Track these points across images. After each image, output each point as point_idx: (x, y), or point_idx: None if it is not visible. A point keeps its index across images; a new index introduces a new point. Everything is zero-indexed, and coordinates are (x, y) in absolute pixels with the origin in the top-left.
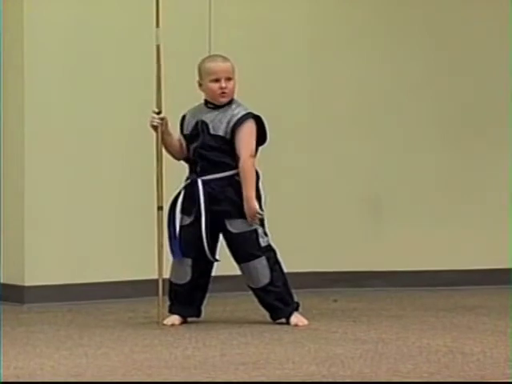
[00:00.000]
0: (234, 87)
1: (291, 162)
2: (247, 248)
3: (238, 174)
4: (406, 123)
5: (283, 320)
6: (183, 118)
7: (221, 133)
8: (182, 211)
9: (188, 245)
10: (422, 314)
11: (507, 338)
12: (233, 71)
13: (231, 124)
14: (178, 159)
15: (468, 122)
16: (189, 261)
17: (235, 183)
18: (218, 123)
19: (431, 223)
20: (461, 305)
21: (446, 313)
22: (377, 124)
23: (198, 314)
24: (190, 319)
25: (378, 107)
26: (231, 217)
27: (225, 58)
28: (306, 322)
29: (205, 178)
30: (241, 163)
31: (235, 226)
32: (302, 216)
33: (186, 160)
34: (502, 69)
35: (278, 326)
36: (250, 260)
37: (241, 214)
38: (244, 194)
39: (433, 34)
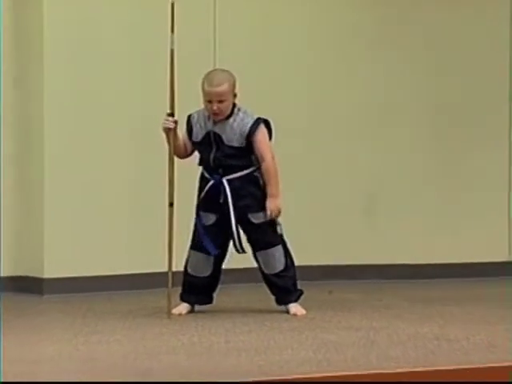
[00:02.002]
0: (227, 106)
1: (294, 163)
2: (268, 237)
3: (255, 171)
4: (400, 125)
5: (283, 308)
6: (189, 119)
7: (236, 143)
8: (208, 210)
9: (213, 243)
10: (411, 305)
11: (490, 325)
12: (227, 93)
13: (244, 135)
14: (181, 158)
15: (461, 123)
16: (211, 258)
17: (254, 179)
18: (231, 135)
19: (422, 220)
20: (446, 296)
21: (433, 303)
22: (373, 127)
23: (211, 301)
24: (196, 309)
25: (374, 112)
26: (254, 210)
27: (220, 82)
28: (304, 311)
29: (228, 177)
30: (264, 166)
31: (257, 218)
32: (302, 214)
33: (203, 165)
34: (497, 71)
35: (278, 316)
36: (269, 248)
37: (261, 207)
38: (269, 192)
39: (430, 47)
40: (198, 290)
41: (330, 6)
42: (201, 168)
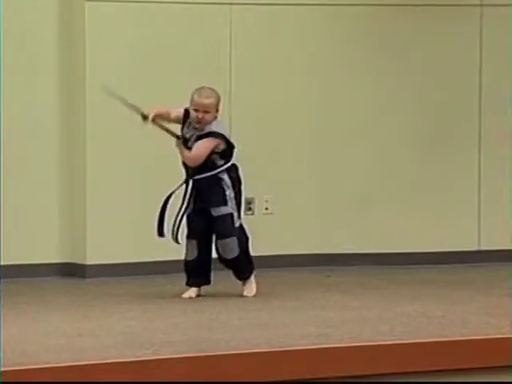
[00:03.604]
0: (210, 117)
1: (296, 162)
2: (225, 228)
3: (219, 173)
4: (389, 128)
5: (287, 291)
6: (186, 112)
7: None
8: (186, 201)
9: (193, 230)
10: (397, 287)
11: (463, 305)
12: (211, 106)
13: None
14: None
15: (439, 126)
16: (195, 242)
17: (217, 179)
18: (193, 140)
19: (408, 215)
20: (426, 279)
21: (414, 285)
22: (367, 132)
23: (209, 282)
24: (213, 292)
25: (367, 120)
26: (215, 205)
27: (208, 95)
28: (254, 291)
29: (195, 177)
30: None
31: (216, 212)
32: (304, 210)
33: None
34: (469, 82)
35: (284, 297)
36: (225, 237)
37: (221, 203)
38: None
39: (416, 61)
40: (195, 272)
41: (331, 14)
42: None
